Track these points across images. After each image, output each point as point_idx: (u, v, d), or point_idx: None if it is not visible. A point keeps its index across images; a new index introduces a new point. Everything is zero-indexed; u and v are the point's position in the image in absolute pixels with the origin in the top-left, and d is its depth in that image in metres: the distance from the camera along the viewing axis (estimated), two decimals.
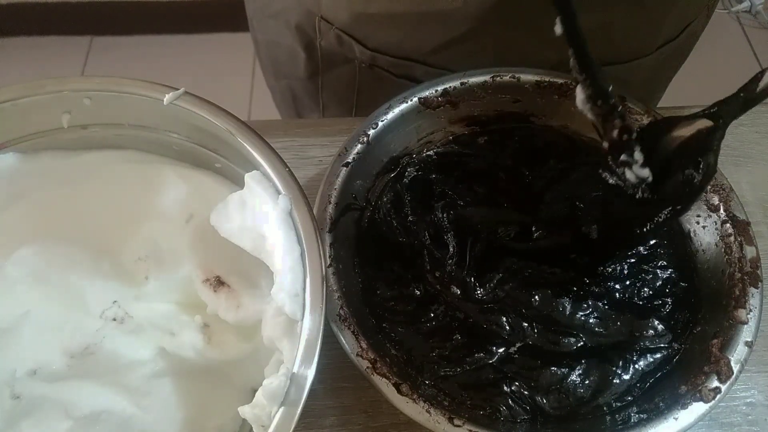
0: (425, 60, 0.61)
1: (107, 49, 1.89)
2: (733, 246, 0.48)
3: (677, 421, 0.41)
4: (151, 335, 0.46)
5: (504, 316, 0.48)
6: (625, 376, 0.46)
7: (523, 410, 0.44)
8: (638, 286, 0.49)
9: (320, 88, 0.74)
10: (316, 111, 0.78)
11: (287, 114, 0.88)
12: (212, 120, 0.45)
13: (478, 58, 0.58)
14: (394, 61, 0.63)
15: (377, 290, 0.50)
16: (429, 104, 0.55)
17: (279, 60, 0.77)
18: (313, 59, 0.69)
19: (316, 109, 0.78)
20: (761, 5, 1.93)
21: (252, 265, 0.43)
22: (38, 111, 0.47)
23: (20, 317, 0.44)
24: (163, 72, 1.73)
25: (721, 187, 0.50)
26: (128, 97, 0.46)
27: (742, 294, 0.45)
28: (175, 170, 0.50)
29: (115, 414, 0.43)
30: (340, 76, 0.69)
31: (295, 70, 0.74)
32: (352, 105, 0.72)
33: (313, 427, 0.48)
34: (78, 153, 0.50)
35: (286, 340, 0.39)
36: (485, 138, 0.57)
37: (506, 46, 0.58)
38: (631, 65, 0.62)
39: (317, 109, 0.78)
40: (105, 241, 0.48)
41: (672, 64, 0.72)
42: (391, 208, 0.53)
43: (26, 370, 0.43)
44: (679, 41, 0.64)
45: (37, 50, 1.86)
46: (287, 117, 0.89)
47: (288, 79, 0.78)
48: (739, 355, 0.43)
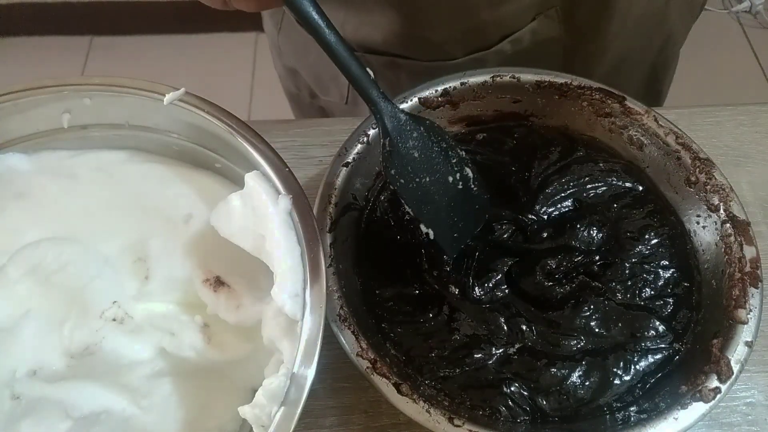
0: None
1: (107, 49, 1.89)
2: (733, 246, 0.48)
3: (677, 421, 0.41)
4: (151, 335, 0.46)
5: (502, 317, 0.48)
6: (625, 377, 0.46)
7: (523, 411, 0.44)
8: (639, 287, 0.49)
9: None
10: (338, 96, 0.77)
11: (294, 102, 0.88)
12: (212, 120, 0.45)
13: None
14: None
15: (377, 290, 0.50)
16: (429, 104, 0.55)
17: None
18: None
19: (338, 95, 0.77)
20: (761, 5, 1.93)
21: (252, 265, 0.43)
22: (38, 111, 0.47)
23: (20, 317, 0.44)
24: (163, 72, 1.73)
25: (721, 187, 0.50)
26: (128, 97, 0.46)
27: (742, 294, 0.45)
28: (175, 170, 0.50)
29: (115, 414, 0.43)
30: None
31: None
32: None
33: (313, 427, 0.48)
34: (78, 153, 0.50)
35: (286, 340, 0.39)
36: (484, 135, 0.57)
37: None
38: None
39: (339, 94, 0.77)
40: (105, 240, 0.48)
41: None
42: (389, 207, 0.53)
43: (26, 370, 0.43)
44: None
45: (37, 50, 1.86)
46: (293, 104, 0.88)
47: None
48: (739, 355, 0.43)
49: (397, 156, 0.44)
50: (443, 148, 0.45)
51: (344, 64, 0.41)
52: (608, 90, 0.54)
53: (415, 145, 0.44)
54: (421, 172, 0.44)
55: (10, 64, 1.80)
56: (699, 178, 0.51)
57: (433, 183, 0.45)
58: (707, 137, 0.62)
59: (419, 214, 0.45)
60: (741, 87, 1.79)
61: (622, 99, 0.54)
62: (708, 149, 0.52)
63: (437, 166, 0.45)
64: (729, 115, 0.64)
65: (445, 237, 0.47)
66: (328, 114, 0.82)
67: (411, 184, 0.44)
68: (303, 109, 0.87)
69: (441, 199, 0.45)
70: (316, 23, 0.40)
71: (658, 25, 0.69)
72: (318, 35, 0.40)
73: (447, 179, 0.45)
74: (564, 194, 0.53)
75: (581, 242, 0.51)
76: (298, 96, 0.84)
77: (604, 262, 0.50)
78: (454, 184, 0.46)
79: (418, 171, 0.44)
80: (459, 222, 0.47)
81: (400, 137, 0.44)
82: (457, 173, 0.46)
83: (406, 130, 0.44)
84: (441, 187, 0.45)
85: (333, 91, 0.76)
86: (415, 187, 0.44)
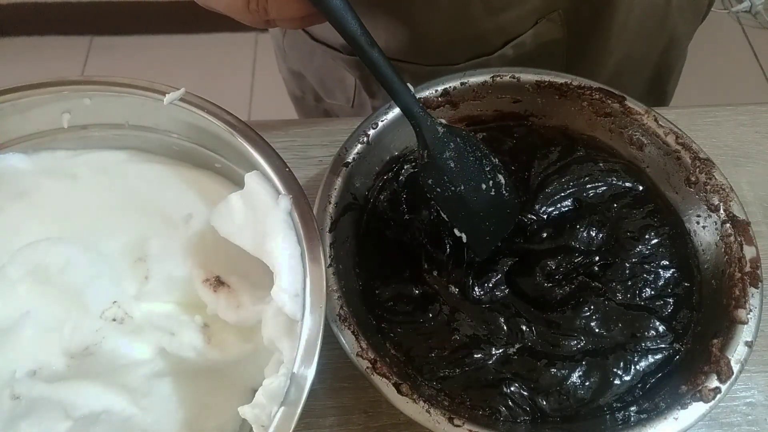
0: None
1: (107, 49, 1.89)
2: (733, 246, 0.48)
3: (677, 421, 0.41)
4: (151, 335, 0.46)
5: (502, 317, 0.48)
6: (625, 377, 0.46)
7: (523, 411, 0.44)
8: (640, 287, 0.49)
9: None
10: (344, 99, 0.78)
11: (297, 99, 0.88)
12: (212, 120, 0.45)
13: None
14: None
15: (377, 290, 0.50)
16: (429, 104, 0.55)
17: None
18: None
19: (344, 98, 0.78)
20: (761, 5, 1.93)
21: (252, 265, 0.43)
22: (38, 111, 0.47)
23: (20, 317, 0.44)
24: (163, 72, 1.73)
25: (721, 187, 0.50)
26: (128, 97, 0.46)
27: (742, 294, 0.45)
28: (175, 170, 0.50)
29: (115, 414, 0.43)
30: None
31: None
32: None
33: (313, 427, 0.48)
34: (78, 153, 0.50)
35: (286, 340, 0.39)
36: (483, 135, 0.57)
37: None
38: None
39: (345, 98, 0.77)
40: (105, 240, 0.48)
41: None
42: (388, 206, 0.53)
43: (26, 370, 0.43)
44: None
45: (37, 50, 1.86)
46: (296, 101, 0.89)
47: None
48: (739, 355, 0.43)
49: (434, 167, 0.46)
50: (478, 157, 0.47)
51: (387, 80, 0.43)
52: (608, 90, 0.54)
53: (451, 156, 0.46)
54: (457, 181, 0.46)
55: (10, 64, 1.80)
56: (699, 178, 0.51)
57: (467, 190, 0.47)
58: (707, 137, 0.62)
59: (453, 219, 0.48)
60: (741, 87, 1.79)
61: (622, 99, 0.54)
62: (708, 149, 0.52)
63: (472, 174, 0.47)
64: (729, 115, 0.64)
65: (477, 240, 0.49)
66: (332, 117, 0.81)
67: (447, 192, 0.46)
68: (307, 112, 0.87)
69: (474, 205, 0.47)
70: (361, 41, 0.41)
71: (660, 25, 0.68)
72: (363, 52, 0.42)
73: (480, 186, 0.47)
74: (564, 194, 0.53)
75: (581, 242, 0.51)
76: (303, 99, 0.84)
77: (604, 263, 0.50)
78: (487, 191, 0.48)
79: (454, 180, 0.46)
80: (491, 226, 0.49)
81: (438, 149, 0.46)
82: (490, 180, 0.48)
83: (443, 142, 0.46)
84: (475, 194, 0.47)
85: (339, 94, 0.76)
86: (451, 195, 0.46)
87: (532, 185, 0.54)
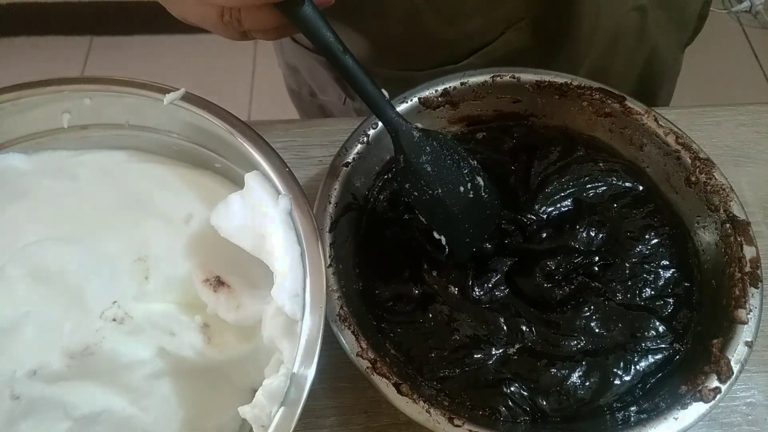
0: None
1: (107, 49, 1.89)
2: (733, 246, 0.48)
3: (677, 421, 0.41)
4: (150, 335, 0.46)
5: (502, 317, 0.48)
6: (626, 377, 0.46)
7: (523, 411, 0.44)
8: (640, 287, 0.49)
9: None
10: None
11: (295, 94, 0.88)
12: (212, 120, 0.45)
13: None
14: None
15: (377, 290, 0.50)
16: (429, 104, 0.55)
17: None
18: None
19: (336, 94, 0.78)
20: (761, 5, 1.93)
21: (252, 265, 0.43)
22: (38, 111, 0.47)
23: (20, 317, 0.44)
24: (163, 72, 1.73)
25: (721, 187, 0.50)
26: (128, 97, 0.46)
27: (742, 294, 0.45)
28: (175, 170, 0.50)
29: (115, 414, 0.43)
30: None
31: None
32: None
33: (313, 427, 0.48)
34: (78, 153, 0.50)
35: (286, 340, 0.39)
36: (483, 134, 0.57)
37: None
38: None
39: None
40: (105, 240, 0.48)
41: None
42: (388, 206, 0.53)
43: (26, 370, 0.43)
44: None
45: (37, 50, 1.86)
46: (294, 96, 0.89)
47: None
48: (739, 355, 0.43)
49: (411, 171, 0.46)
50: (455, 159, 0.47)
51: (361, 86, 0.43)
52: (608, 90, 0.54)
53: (428, 160, 0.46)
54: (434, 185, 0.46)
55: (10, 64, 1.80)
56: (699, 178, 0.51)
57: (445, 194, 0.47)
58: (707, 137, 0.62)
59: (432, 222, 0.48)
60: (741, 87, 1.80)
61: (622, 99, 0.54)
62: (708, 149, 0.52)
63: (449, 178, 0.47)
64: (729, 115, 0.64)
65: (457, 242, 0.49)
66: (327, 112, 0.82)
67: (424, 196, 0.46)
68: (304, 107, 0.88)
69: (453, 208, 0.47)
70: (334, 47, 0.41)
71: (638, 38, 0.68)
72: (336, 59, 0.42)
73: (459, 189, 0.47)
74: (564, 194, 0.53)
75: (581, 243, 0.51)
76: (299, 93, 0.84)
77: (604, 263, 0.50)
78: (465, 193, 0.47)
79: (431, 184, 0.46)
80: (470, 228, 0.49)
81: (414, 153, 0.46)
82: (468, 183, 0.48)
83: (419, 146, 0.46)
84: (453, 197, 0.47)
85: (331, 91, 0.76)
86: (428, 198, 0.46)
87: (532, 185, 0.54)
